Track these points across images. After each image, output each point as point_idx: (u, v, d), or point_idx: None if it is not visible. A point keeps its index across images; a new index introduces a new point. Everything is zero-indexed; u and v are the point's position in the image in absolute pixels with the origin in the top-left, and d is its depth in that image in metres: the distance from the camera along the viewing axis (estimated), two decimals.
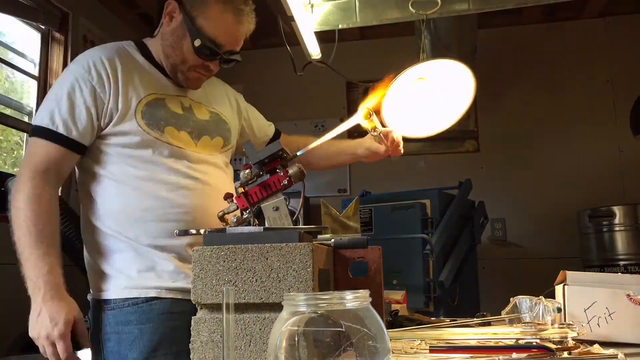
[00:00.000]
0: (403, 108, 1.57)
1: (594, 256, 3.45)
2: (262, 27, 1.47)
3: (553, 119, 4.00)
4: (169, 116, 1.38)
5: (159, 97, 1.39)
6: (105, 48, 1.40)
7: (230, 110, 1.59)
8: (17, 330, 2.51)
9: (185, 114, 1.42)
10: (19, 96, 3.00)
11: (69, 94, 1.30)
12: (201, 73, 1.41)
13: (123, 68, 1.35)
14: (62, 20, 3.12)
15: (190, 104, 1.45)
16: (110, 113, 1.32)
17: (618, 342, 1.08)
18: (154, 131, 1.34)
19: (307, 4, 1.97)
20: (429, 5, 1.84)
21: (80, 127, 1.30)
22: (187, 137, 1.39)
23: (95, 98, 1.31)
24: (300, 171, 1.07)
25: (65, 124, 1.29)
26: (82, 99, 1.30)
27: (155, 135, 1.33)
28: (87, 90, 1.31)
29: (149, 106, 1.35)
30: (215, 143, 1.47)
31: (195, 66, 1.39)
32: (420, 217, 3.12)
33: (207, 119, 1.47)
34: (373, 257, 1.05)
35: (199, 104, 1.48)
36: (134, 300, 1.29)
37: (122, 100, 1.32)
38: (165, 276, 1.31)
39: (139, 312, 1.29)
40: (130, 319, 1.28)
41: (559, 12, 3.96)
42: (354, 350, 0.63)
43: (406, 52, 2.94)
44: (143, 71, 1.40)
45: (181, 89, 1.46)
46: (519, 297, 1.25)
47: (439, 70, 1.58)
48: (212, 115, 1.50)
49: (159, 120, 1.35)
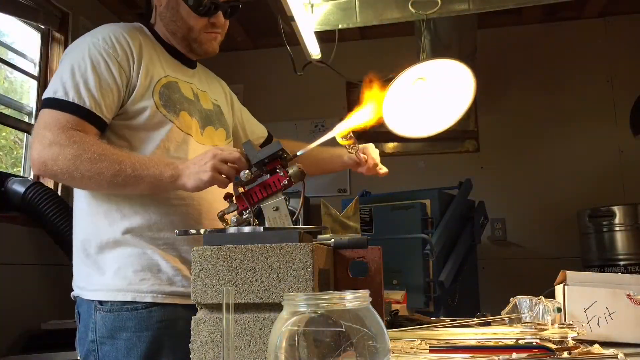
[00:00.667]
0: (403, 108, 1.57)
1: (594, 256, 3.45)
2: (262, 27, 1.47)
3: (553, 119, 4.00)
4: (183, 100, 1.37)
5: (172, 80, 1.37)
6: (123, 25, 1.37)
7: (226, 106, 1.59)
8: (17, 330, 2.52)
9: (194, 100, 1.41)
10: (19, 96, 3.00)
11: (95, 68, 1.25)
12: (212, 32, 1.40)
13: (144, 46, 1.34)
14: (62, 20, 3.11)
15: (197, 91, 1.45)
16: (131, 89, 1.28)
17: (618, 342, 1.08)
18: (170, 113, 1.32)
19: (307, 4, 1.97)
20: (429, 5, 1.84)
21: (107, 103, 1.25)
22: (196, 125, 1.38)
23: (120, 74, 1.27)
24: (300, 171, 1.08)
25: (94, 100, 1.23)
26: (109, 73, 1.25)
27: (170, 118, 1.31)
28: (113, 65, 1.26)
29: (165, 87, 1.34)
30: (219, 134, 1.46)
31: (203, 27, 1.37)
32: (420, 217, 3.12)
33: (211, 108, 1.47)
34: (373, 257, 1.05)
35: (204, 92, 1.48)
36: (133, 305, 1.24)
37: (142, 77, 1.30)
38: (164, 279, 1.27)
39: (137, 318, 1.24)
40: (128, 325, 1.24)
41: (559, 12, 3.95)
42: (354, 350, 0.63)
43: (406, 52, 2.94)
44: (158, 52, 1.39)
45: (189, 75, 1.45)
46: (519, 297, 1.25)
47: (439, 70, 1.58)
48: (214, 106, 1.49)
49: (174, 103, 1.34)
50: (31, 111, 2.99)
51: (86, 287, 1.30)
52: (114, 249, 1.27)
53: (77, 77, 1.24)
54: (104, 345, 1.25)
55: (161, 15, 1.40)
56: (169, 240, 1.29)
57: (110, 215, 1.28)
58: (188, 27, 1.37)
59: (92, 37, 1.30)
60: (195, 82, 1.46)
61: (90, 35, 1.31)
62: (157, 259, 1.27)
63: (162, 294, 1.26)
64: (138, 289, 1.25)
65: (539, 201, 3.91)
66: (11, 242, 2.56)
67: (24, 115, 2.96)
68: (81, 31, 3.18)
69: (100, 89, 1.24)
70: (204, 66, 1.59)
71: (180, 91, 1.37)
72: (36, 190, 2.58)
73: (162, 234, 1.28)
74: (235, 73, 1.71)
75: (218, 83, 1.62)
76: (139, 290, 1.25)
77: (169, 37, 1.42)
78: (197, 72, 1.52)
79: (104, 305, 1.26)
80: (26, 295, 2.58)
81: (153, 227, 1.28)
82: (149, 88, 1.30)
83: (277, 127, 1.79)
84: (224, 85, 1.65)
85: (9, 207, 2.58)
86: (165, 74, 1.36)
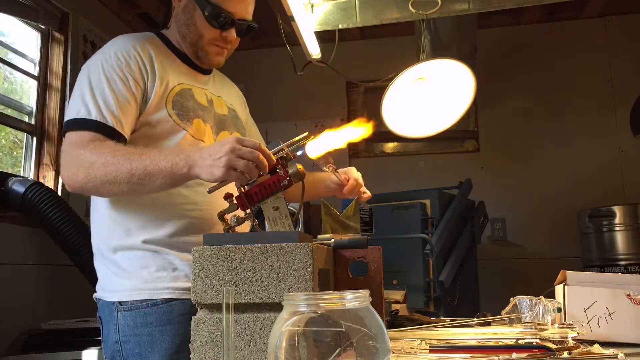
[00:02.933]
0: (403, 108, 1.57)
1: (594, 256, 3.45)
2: (262, 27, 1.47)
3: (553, 118, 4.00)
4: (197, 107, 1.38)
5: (186, 87, 1.38)
6: (134, 37, 1.38)
7: (243, 111, 1.61)
8: (17, 330, 2.52)
9: (208, 107, 1.42)
10: (19, 96, 3.00)
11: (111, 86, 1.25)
12: (220, 46, 1.40)
13: (156, 56, 1.34)
14: (62, 20, 3.11)
15: (211, 97, 1.45)
16: (146, 101, 1.30)
17: (618, 342, 1.08)
18: (184, 122, 1.32)
19: (307, 3, 1.97)
20: (429, 5, 1.84)
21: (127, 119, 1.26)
22: (209, 131, 1.38)
23: (136, 87, 1.28)
24: (300, 171, 1.07)
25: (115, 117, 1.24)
26: (126, 89, 1.26)
27: (184, 126, 1.32)
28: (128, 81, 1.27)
29: (179, 96, 1.35)
30: None
31: (213, 39, 1.38)
32: (420, 217, 3.11)
33: (225, 113, 1.48)
34: (373, 257, 1.05)
35: (218, 97, 1.49)
36: (152, 301, 1.26)
37: (157, 88, 1.31)
38: (181, 276, 1.28)
39: (158, 312, 1.26)
40: (150, 321, 1.25)
41: (559, 12, 3.95)
42: (354, 350, 0.63)
43: (406, 52, 2.94)
44: (170, 61, 1.39)
45: (203, 81, 1.46)
46: (519, 297, 1.25)
47: (439, 70, 1.58)
48: (230, 111, 1.50)
49: (188, 111, 1.34)
50: (31, 111, 2.99)
51: (106, 288, 1.32)
52: (129, 251, 1.30)
53: (97, 95, 1.25)
54: (127, 343, 1.26)
55: (177, 17, 1.41)
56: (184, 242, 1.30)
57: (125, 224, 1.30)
58: (199, 34, 1.37)
59: (103, 54, 1.31)
60: (209, 88, 1.47)
61: (101, 53, 1.32)
62: (171, 259, 1.29)
63: (180, 289, 1.28)
64: (155, 287, 1.27)
65: (539, 201, 3.91)
66: (11, 242, 2.56)
67: (24, 115, 2.95)
68: (81, 31, 3.19)
69: (119, 106, 1.25)
70: (219, 71, 1.60)
71: (194, 98, 1.38)
72: (36, 190, 2.58)
73: (176, 238, 1.30)
74: (235, 73, 1.71)
75: (233, 87, 1.64)
76: (156, 288, 1.27)
77: (179, 41, 1.42)
78: (212, 77, 1.53)
79: (124, 305, 1.27)
80: (26, 295, 2.58)
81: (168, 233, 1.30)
82: (162, 98, 1.31)
83: (277, 127, 1.80)
84: (239, 92, 1.66)
85: (9, 207, 2.58)
86: (179, 82, 1.37)
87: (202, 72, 1.48)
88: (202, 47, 1.39)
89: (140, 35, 1.40)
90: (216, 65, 1.47)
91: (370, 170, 3.85)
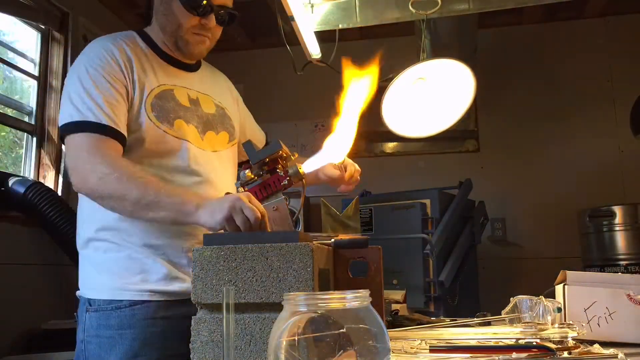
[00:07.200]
0: (403, 108, 1.57)
1: (594, 256, 3.45)
2: (262, 27, 1.47)
3: (553, 118, 4.00)
4: (178, 108, 1.36)
5: (167, 87, 1.37)
6: (112, 37, 1.37)
7: (233, 107, 1.57)
8: (17, 330, 2.52)
9: (192, 107, 1.40)
10: (19, 96, 3.00)
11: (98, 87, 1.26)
12: (201, 34, 1.38)
13: (134, 56, 1.34)
14: (62, 20, 3.11)
15: (197, 96, 1.43)
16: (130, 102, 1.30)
17: (618, 342, 1.08)
18: (164, 124, 1.32)
19: (307, 3, 1.97)
20: (429, 5, 1.84)
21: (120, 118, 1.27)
22: (194, 131, 1.37)
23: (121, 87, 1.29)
24: (301, 171, 1.08)
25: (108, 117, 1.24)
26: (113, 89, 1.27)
27: (164, 129, 1.31)
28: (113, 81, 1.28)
29: (158, 98, 1.34)
30: (221, 138, 1.44)
31: (192, 27, 1.36)
32: (420, 217, 3.12)
33: (213, 112, 1.45)
34: (373, 257, 1.05)
35: (205, 95, 1.46)
36: (117, 303, 1.27)
37: (138, 90, 1.31)
38: (153, 278, 1.28)
39: (120, 316, 1.26)
40: (111, 323, 1.26)
41: (559, 12, 3.95)
42: (354, 350, 0.63)
43: (406, 52, 2.94)
44: (151, 60, 1.38)
45: (188, 80, 1.44)
46: (519, 297, 1.25)
47: (439, 70, 1.58)
48: (218, 109, 1.47)
49: (168, 113, 1.33)
50: (31, 111, 2.99)
51: (82, 286, 1.35)
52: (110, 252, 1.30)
53: (86, 99, 1.25)
54: (90, 344, 1.28)
55: (156, 10, 1.40)
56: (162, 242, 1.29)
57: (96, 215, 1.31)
58: (178, 23, 1.35)
59: (86, 56, 1.32)
60: (195, 86, 1.44)
61: (84, 55, 1.33)
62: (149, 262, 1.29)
63: (153, 292, 1.28)
64: (129, 287, 1.27)
65: (539, 201, 3.91)
66: (11, 242, 2.56)
67: (24, 115, 2.96)
68: (81, 31, 3.19)
69: (110, 105, 1.25)
70: (211, 65, 1.58)
71: (175, 99, 1.37)
72: (36, 190, 2.58)
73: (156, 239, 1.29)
74: (235, 73, 1.70)
75: (225, 83, 1.61)
76: (129, 289, 1.27)
77: (161, 35, 1.41)
78: (200, 73, 1.50)
79: (92, 305, 1.29)
80: (26, 295, 2.58)
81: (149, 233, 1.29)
82: (141, 102, 1.31)
83: (277, 127, 1.79)
84: (231, 86, 1.63)
85: (9, 207, 2.58)
86: (158, 84, 1.35)
87: (187, 69, 1.45)
88: (181, 36, 1.37)
89: (121, 35, 1.39)
90: (198, 56, 1.44)
91: (370, 170, 3.85)
